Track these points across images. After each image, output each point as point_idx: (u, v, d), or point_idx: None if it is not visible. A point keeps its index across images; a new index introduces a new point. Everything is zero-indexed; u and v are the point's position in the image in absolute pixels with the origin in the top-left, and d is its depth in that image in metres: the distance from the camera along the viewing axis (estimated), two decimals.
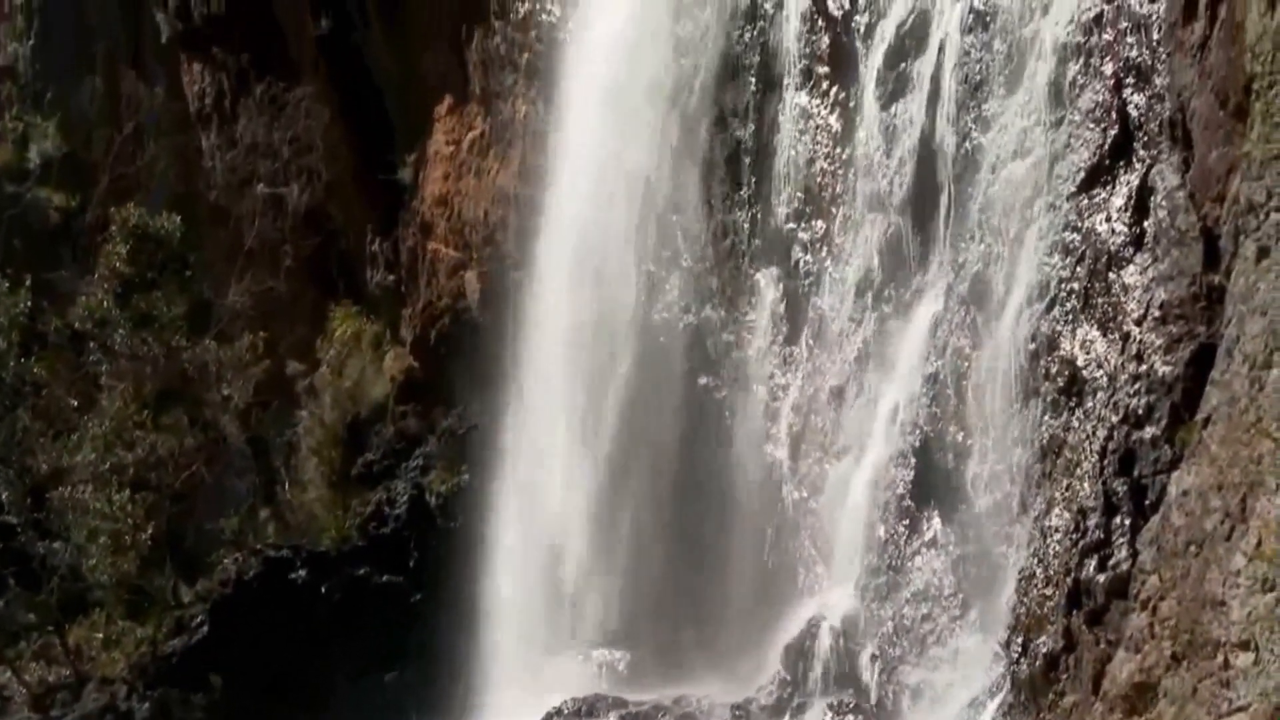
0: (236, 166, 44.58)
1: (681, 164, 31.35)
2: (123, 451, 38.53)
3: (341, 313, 42.08)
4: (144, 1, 46.29)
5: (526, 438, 34.58)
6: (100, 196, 46.00)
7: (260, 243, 43.55)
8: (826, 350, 28.30)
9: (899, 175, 26.11)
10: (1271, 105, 17.84)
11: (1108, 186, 21.73)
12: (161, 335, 39.86)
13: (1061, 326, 22.40)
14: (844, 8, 27.30)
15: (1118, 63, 21.52)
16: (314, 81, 41.77)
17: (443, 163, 38.68)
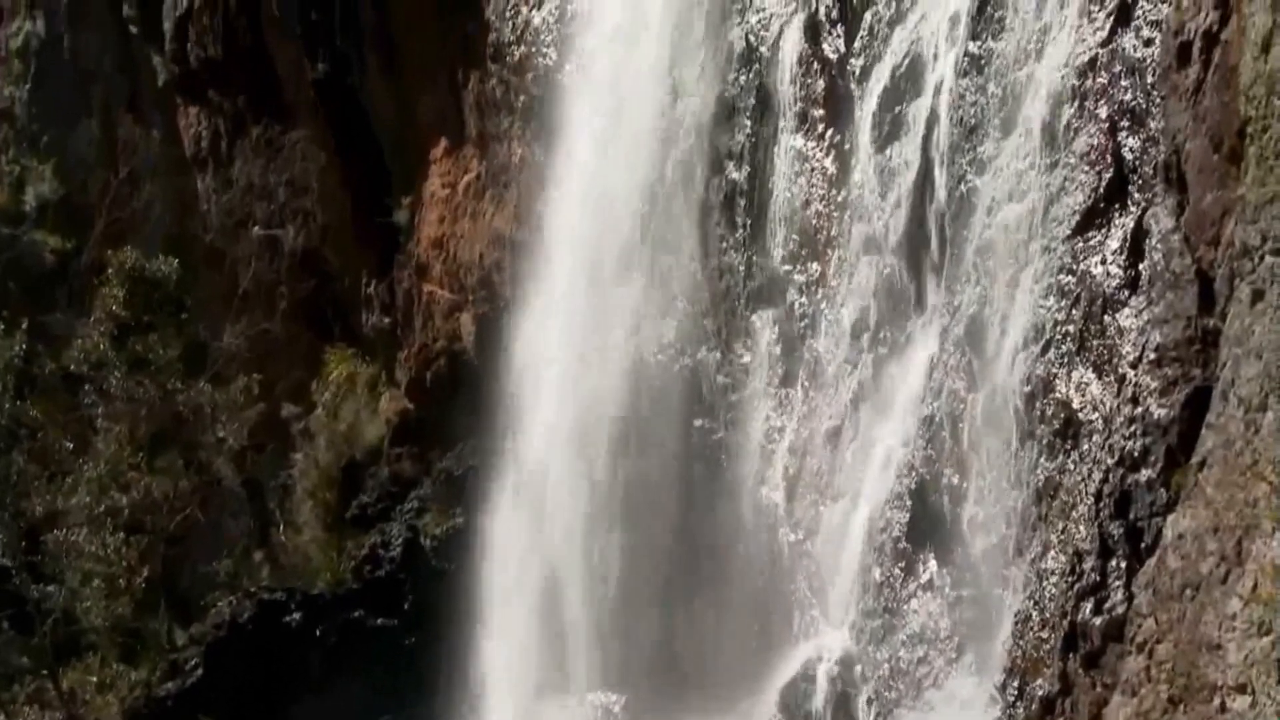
0: (232, 209, 44.66)
1: (677, 206, 31.38)
2: (117, 494, 38.51)
3: (337, 355, 42.10)
4: (141, 46, 46.41)
5: (521, 480, 34.54)
6: (96, 239, 46.06)
7: (256, 285, 43.59)
8: (822, 392, 28.28)
9: (894, 218, 26.12)
10: (1266, 149, 17.88)
11: (1103, 229, 21.73)
12: (157, 378, 39.87)
13: (1057, 369, 22.38)
14: (839, 51, 27.35)
15: (1112, 106, 21.55)
16: (310, 124, 41.86)
17: (438, 205, 38.73)
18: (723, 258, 30.63)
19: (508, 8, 35.49)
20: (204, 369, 41.44)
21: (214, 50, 43.13)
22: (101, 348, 39.89)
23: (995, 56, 23.64)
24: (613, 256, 32.48)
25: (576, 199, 33.10)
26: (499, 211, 36.96)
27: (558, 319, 33.40)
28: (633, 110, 31.74)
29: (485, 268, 37.28)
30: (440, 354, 39.12)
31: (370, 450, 40.91)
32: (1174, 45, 20.16)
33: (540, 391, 33.88)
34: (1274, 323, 17.55)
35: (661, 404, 32.12)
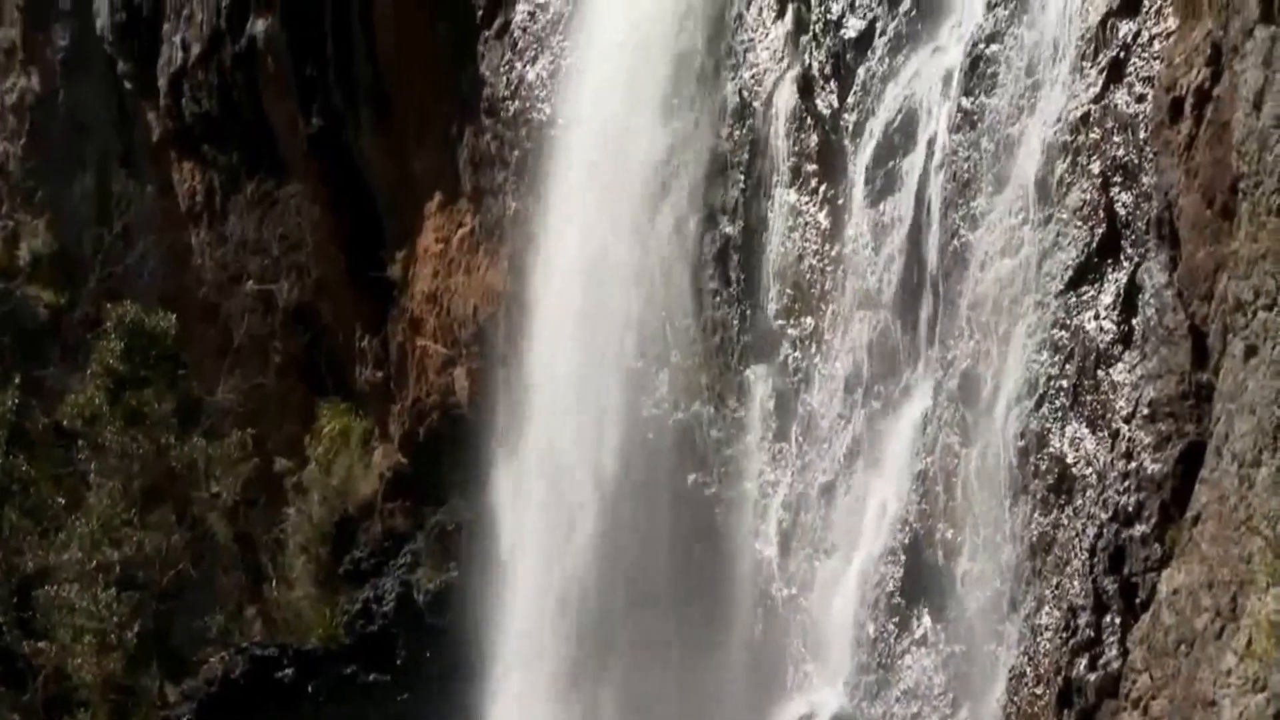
0: (226, 263, 44.70)
1: (670, 261, 31.41)
2: (109, 549, 38.42)
3: (330, 410, 42.08)
4: (136, 101, 46.53)
5: (515, 534, 34.48)
6: (90, 294, 46.09)
7: (249, 340, 43.60)
8: (816, 447, 28.24)
9: (888, 272, 26.13)
10: (1258, 205, 17.91)
11: (1096, 284, 21.74)
12: (151, 432, 39.82)
13: (1051, 424, 22.36)
14: (832, 106, 27.43)
15: (1105, 162, 21.59)
16: (304, 179, 41.94)
17: (432, 259, 38.77)
18: (716, 312, 30.65)
19: (502, 63, 35.61)
20: (197, 424, 41.39)
21: (209, 105, 43.25)
22: (95, 402, 39.85)
23: (988, 112, 23.70)
24: (606, 311, 32.49)
25: (570, 253, 33.13)
26: (493, 266, 36.99)
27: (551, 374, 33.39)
28: (626, 165, 31.79)
29: (479, 322, 37.29)
30: (434, 408, 39.10)
31: (363, 505, 40.84)
32: (1166, 101, 20.22)
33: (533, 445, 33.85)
34: (1267, 378, 17.55)
35: (655, 458, 32.07)
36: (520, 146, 35.25)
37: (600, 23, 32.81)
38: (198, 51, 43.11)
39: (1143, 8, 21.25)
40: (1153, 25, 21.05)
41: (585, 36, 33.27)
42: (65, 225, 49.54)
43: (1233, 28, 18.86)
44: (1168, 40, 20.65)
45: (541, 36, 34.71)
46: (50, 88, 49.97)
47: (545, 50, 34.61)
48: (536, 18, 34.89)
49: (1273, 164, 17.92)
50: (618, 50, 32.05)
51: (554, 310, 33.49)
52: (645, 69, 31.35)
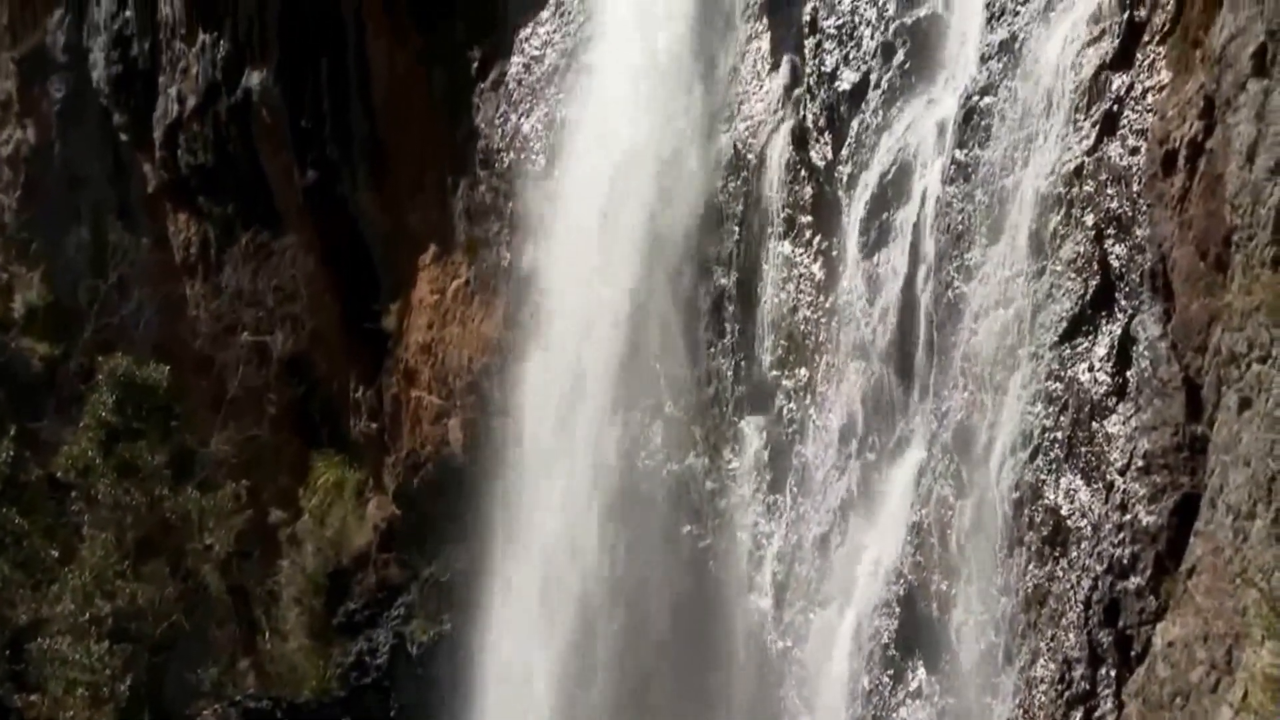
0: (221, 315, 44.69)
1: (665, 311, 31.43)
2: (102, 602, 38.24)
3: (324, 461, 42.03)
4: (131, 153, 46.60)
5: (509, 585, 34.40)
6: (84, 346, 46.06)
7: (244, 391, 43.56)
8: (810, 498, 28.22)
9: (882, 324, 26.15)
10: (1252, 257, 17.95)
11: (1090, 336, 21.77)
12: (144, 484, 39.71)
13: (1045, 475, 22.36)
14: (827, 158, 27.50)
15: (1099, 214, 21.64)
16: (299, 231, 41.98)
17: (427, 310, 38.78)
18: (711, 363, 30.66)
19: (497, 115, 35.70)
20: (191, 475, 41.29)
21: (204, 157, 43.32)
22: (89, 454, 39.76)
23: (982, 164, 23.75)
24: (600, 362, 32.50)
25: (565, 304, 33.16)
26: (487, 317, 37.00)
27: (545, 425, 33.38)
28: (622, 216, 31.84)
29: (474, 373, 37.28)
30: (428, 459, 39.05)
31: (357, 556, 40.76)
32: (1159, 154, 20.28)
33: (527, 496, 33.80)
34: (1261, 430, 17.56)
35: (649, 510, 32.03)
36: (515, 198, 35.31)
37: (594, 75, 32.92)
38: (193, 104, 43.20)
39: (1136, 61, 21.33)
40: (1146, 78, 21.13)
41: (579, 89, 33.38)
42: (60, 277, 49.54)
43: (1225, 81, 18.94)
44: (1161, 93, 20.73)
45: (536, 89, 34.81)
46: (45, 140, 50.04)
47: (540, 103, 34.71)
48: (531, 70, 34.99)
49: (1266, 217, 17.98)
50: (612, 103, 32.14)
51: (548, 361, 33.49)
52: (640, 121, 31.44)
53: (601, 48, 32.94)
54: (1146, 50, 21.19)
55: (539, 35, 34.91)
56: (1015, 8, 23.53)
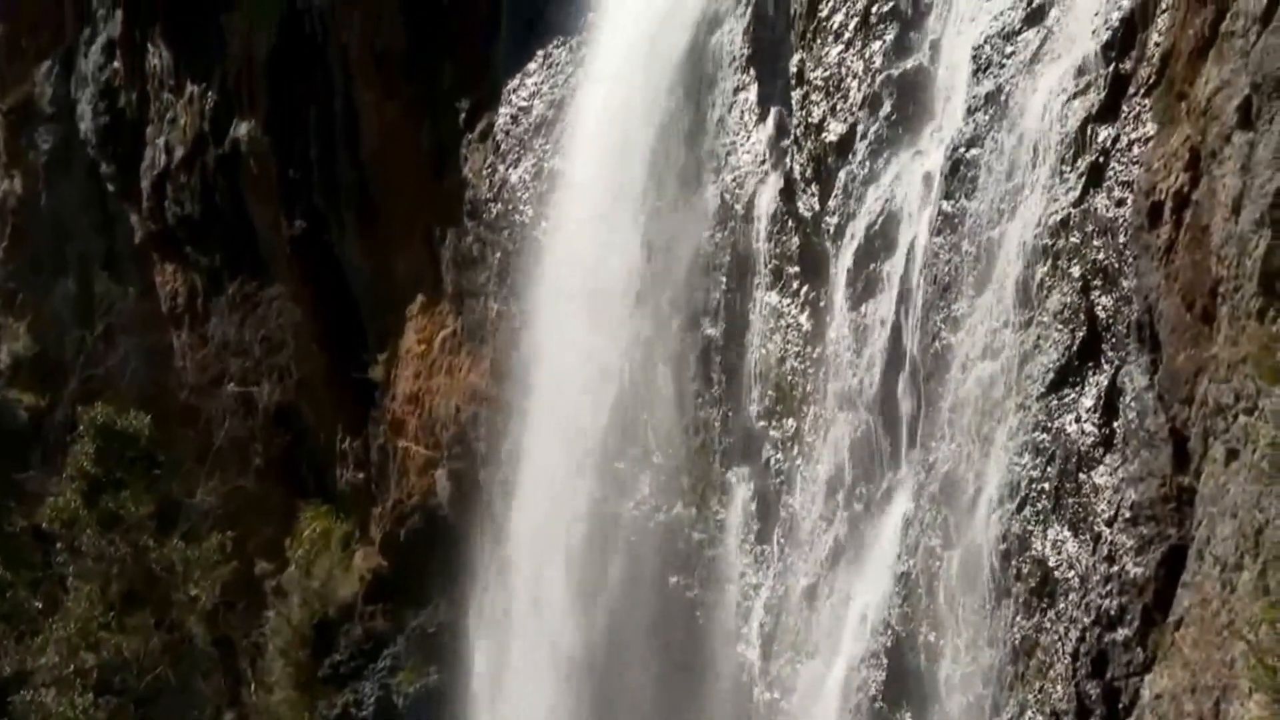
0: (207, 365, 44.67)
1: (653, 362, 31.43)
2: (87, 654, 38.07)
3: (311, 511, 41.97)
4: (118, 203, 46.65)
5: (496, 637, 34.31)
6: (70, 396, 46.00)
7: (230, 441, 43.50)
8: (798, 549, 28.17)
9: (869, 374, 26.15)
10: (1238, 308, 17.97)
11: (1077, 387, 21.77)
12: (129, 535, 39.59)
13: (1033, 527, 22.33)
14: (813, 209, 27.53)
15: (1085, 265, 21.67)
16: (287, 281, 41.99)
17: (414, 361, 38.78)
18: (698, 413, 30.65)
19: (485, 165, 35.75)
20: (177, 526, 41.19)
21: (191, 208, 43.35)
22: (73, 505, 39.64)
23: (969, 215, 23.78)
24: (588, 412, 32.48)
25: (552, 354, 33.16)
26: (475, 367, 37.00)
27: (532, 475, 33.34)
28: (609, 266, 31.87)
29: (461, 423, 37.25)
30: (414, 510, 38.98)
31: (343, 607, 40.64)
32: (1146, 205, 20.32)
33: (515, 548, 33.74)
34: (1248, 482, 17.55)
35: (636, 560, 31.97)
36: (502, 248, 35.34)
37: (582, 126, 32.99)
38: (181, 154, 43.27)
39: (1122, 113, 21.39)
40: (1132, 131, 21.19)
41: (567, 140, 33.45)
42: (46, 328, 49.53)
43: (1211, 134, 18.99)
44: (1147, 145, 20.78)
45: (524, 140, 34.88)
46: (33, 191, 50.09)
47: (528, 153, 34.77)
48: (519, 121, 35.07)
49: (1252, 268, 18.01)
50: (600, 154, 32.21)
51: (536, 411, 33.47)
52: (627, 172, 31.48)
53: (589, 99, 33.03)
54: (1132, 103, 21.25)
55: (527, 86, 35.00)
56: (1001, 60, 23.61)
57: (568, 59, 34.10)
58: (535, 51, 34.89)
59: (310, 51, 39.78)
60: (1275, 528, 17.18)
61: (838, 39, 27.22)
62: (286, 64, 40.29)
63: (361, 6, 38.38)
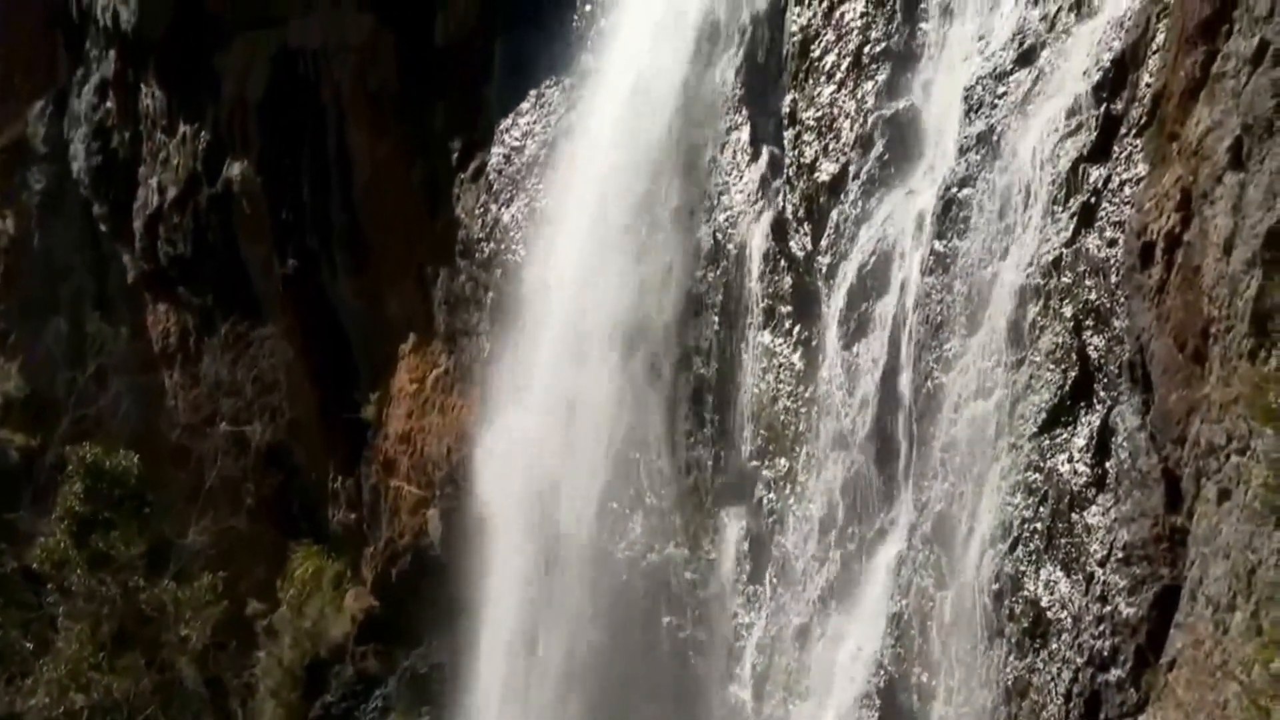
0: (199, 405, 44.64)
1: (645, 401, 31.41)
2: (77, 695, 37.93)
3: (302, 551, 41.90)
4: (110, 244, 46.67)
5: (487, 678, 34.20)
6: (61, 437, 45.93)
7: (221, 481, 43.45)
8: (790, 589, 28.11)
9: (861, 414, 26.13)
10: (1229, 349, 17.97)
11: (1069, 427, 21.75)
12: (119, 576, 39.48)
13: (1025, 567, 22.29)
14: (806, 249, 27.55)
15: (1077, 305, 21.68)
16: (279, 320, 41.99)
17: (406, 400, 38.75)
18: (690, 453, 30.61)
19: (477, 205, 35.79)
20: (168, 566, 41.09)
21: (184, 248, 43.38)
22: (63, 545, 39.53)
23: (961, 255, 23.80)
24: (580, 451, 32.44)
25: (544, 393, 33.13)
26: (467, 406, 36.97)
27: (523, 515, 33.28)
28: (601, 306, 31.87)
29: (453, 463, 37.20)
30: (406, 550, 38.92)
31: (335, 648, 40.54)
32: (1137, 246, 20.33)
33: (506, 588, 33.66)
34: (1241, 522, 17.53)
35: (628, 601, 31.90)
36: (495, 288, 35.35)
37: (575, 166, 33.04)
38: (174, 194, 43.32)
39: (1113, 154, 21.43)
40: (1123, 171, 21.22)
41: (560, 179, 33.49)
42: (38, 368, 49.49)
43: (1202, 174, 19.03)
44: (1138, 186, 20.81)
45: (516, 179, 34.92)
46: (25, 231, 50.10)
47: (520, 193, 34.81)
48: (512, 161, 35.12)
49: (1243, 309, 18.01)
50: (593, 192, 32.24)
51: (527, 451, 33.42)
52: (620, 211, 31.52)
53: (581, 139, 33.08)
54: (1124, 143, 21.29)
55: (519, 126, 35.06)
56: (993, 100, 23.66)
57: (560, 99, 34.17)
58: (528, 91, 34.96)
59: (303, 91, 39.87)
60: (1268, 568, 17.15)
61: (830, 79, 27.29)
62: (279, 104, 40.38)
63: (355, 47, 38.48)
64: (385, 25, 38.05)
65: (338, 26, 38.72)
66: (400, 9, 37.72)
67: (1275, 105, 18.03)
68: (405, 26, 37.73)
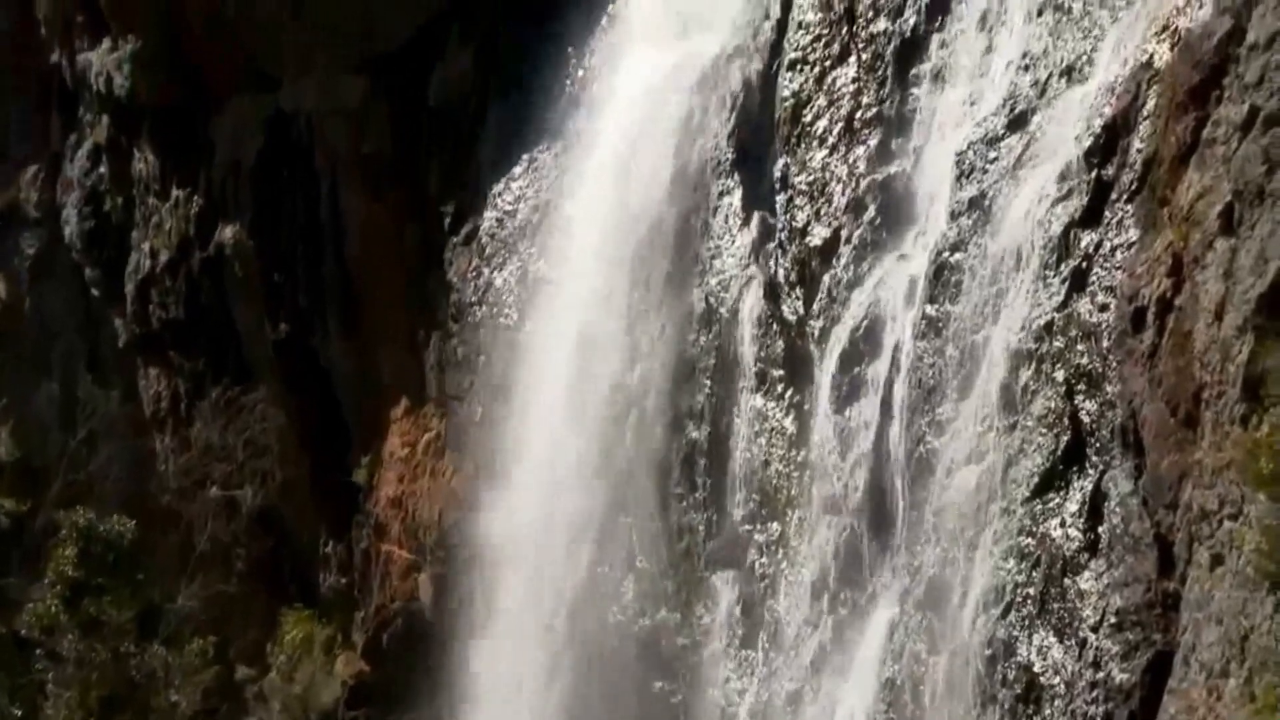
0: (190, 469, 44.54)
1: (637, 465, 31.38)
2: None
3: (293, 616, 41.74)
4: (102, 307, 46.65)
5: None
6: (52, 501, 45.77)
7: (212, 545, 43.32)
8: (783, 654, 28.04)
9: (854, 478, 26.11)
10: (1221, 414, 17.99)
11: (1062, 492, 21.74)
12: (109, 641, 39.29)
13: (1018, 632, 22.24)
14: (798, 313, 27.58)
15: (1069, 370, 21.70)
16: (270, 384, 41.96)
17: (398, 464, 38.70)
18: (682, 517, 30.57)
19: (470, 269, 35.83)
20: (158, 631, 40.89)
21: (175, 311, 43.38)
22: (53, 610, 39.34)
23: (953, 319, 23.84)
24: (572, 517, 32.40)
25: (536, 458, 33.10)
26: (458, 470, 36.92)
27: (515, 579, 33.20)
28: (593, 370, 31.89)
29: (444, 527, 37.13)
30: (397, 614, 38.79)
31: (325, 714, 40.36)
32: (1129, 311, 20.38)
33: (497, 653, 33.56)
34: (1233, 588, 17.51)
35: (620, 665, 31.81)
36: (487, 352, 35.35)
37: (567, 230, 33.09)
38: (166, 258, 43.34)
39: (1105, 219, 21.49)
40: (1114, 236, 21.28)
41: (552, 244, 33.54)
42: (30, 432, 49.39)
43: (1194, 239, 19.09)
44: (1130, 251, 20.87)
45: (509, 243, 34.97)
46: (17, 295, 50.07)
47: (512, 257, 34.86)
48: (504, 225, 35.18)
49: (1235, 374, 18.04)
50: (584, 257, 32.29)
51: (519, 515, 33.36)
52: (612, 275, 31.56)
53: (574, 203, 33.14)
54: (1115, 208, 21.36)
55: (512, 190, 35.14)
56: (984, 165, 23.74)
57: (553, 163, 34.25)
58: (520, 156, 35.05)
59: (297, 155, 39.95)
60: (1261, 634, 17.12)
61: (822, 144, 27.39)
62: (272, 168, 40.44)
63: (348, 111, 38.58)
64: (379, 89, 38.17)
65: (331, 90, 38.84)
66: (394, 72, 37.83)
67: (1266, 171, 18.10)
68: (399, 90, 37.84)
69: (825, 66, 27.62)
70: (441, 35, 36.97)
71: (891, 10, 26.52)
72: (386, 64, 37.88)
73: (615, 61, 32.94)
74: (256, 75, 40.34)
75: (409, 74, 37.45)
